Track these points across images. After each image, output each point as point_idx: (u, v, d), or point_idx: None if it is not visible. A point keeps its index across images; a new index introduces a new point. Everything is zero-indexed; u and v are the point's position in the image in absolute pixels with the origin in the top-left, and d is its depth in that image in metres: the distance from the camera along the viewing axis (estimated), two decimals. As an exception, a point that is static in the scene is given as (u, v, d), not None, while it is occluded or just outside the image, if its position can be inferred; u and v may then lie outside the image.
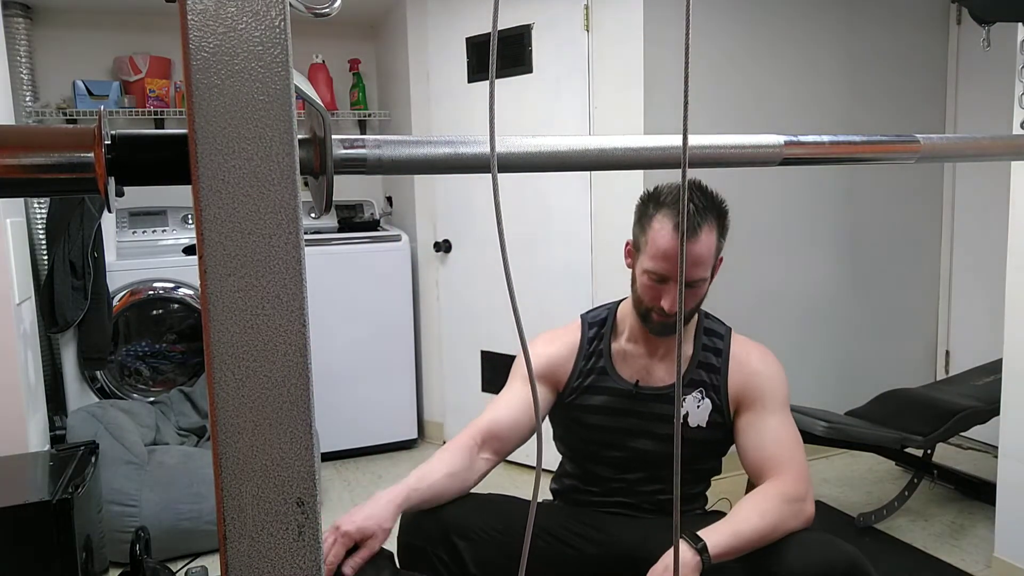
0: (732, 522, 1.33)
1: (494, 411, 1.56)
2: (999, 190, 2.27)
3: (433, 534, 1.41)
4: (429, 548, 1.40)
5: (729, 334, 1.59)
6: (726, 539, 1.30)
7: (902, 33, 3.19)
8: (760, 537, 1.32)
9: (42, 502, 1.67)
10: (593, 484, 1.59)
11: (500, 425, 1.53)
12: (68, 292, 2.77)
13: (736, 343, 1.57)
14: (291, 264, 0.45)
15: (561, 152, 0.62)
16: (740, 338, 1.59)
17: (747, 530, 1.32)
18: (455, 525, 1.42)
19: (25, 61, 3.06)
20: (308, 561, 0.47)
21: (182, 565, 2.36)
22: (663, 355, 1.56)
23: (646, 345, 1.56)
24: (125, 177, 0.50)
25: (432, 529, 1.41)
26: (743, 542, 1.31)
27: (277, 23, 0.44)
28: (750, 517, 1.33)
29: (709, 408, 1.52)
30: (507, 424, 1.53)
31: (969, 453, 3.03)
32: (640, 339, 1.57)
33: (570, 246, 2.93)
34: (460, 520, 1.43)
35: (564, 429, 1.63)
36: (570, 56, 2.85)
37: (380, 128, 3.81)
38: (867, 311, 3.28)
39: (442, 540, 1.40)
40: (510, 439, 1.53)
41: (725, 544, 1.29)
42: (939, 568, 2.30)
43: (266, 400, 0.46)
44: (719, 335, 1.58)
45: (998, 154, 0.84)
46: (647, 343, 1.56)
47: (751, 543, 1.32)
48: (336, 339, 3.25)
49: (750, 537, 1.32)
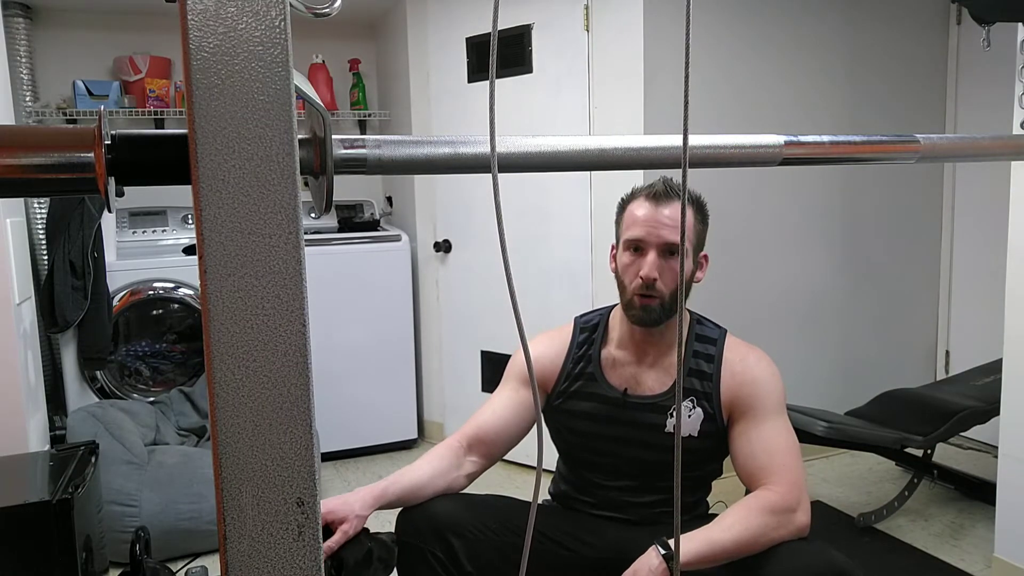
0: (709, 530, 1.31)
1: (480, 415, 1.56)
2: (999, 190, 2.27)
3: (428, 532, 1.41)
4: (424, 546, 1.40)
5: (723, 337, 1.55)
6: (697, 546, 1.28)
7: (902, 33, 3.19)
8: (737, 547, 1.29)
9: (42, 502, 1.67)
10: (586, 490, 1.58)
11: (485, 429, 1.53)
12: (68, 292, 2.77)
13: (730, 347, 1.54)
14: (291, 264, 0.45)
15: (561, 152, 0.62)
16: (734, 341, 1.56)
17: (723, 539, 1.29)
18: (450, 523, 1.42)
19: (25, 61, 3.06)
20: (308, 561, 0.47)
21: (182, 565, 2.36)
22: (652, 362, 1.53)
23: (635, 352, 1.54)
24: (125, 177, 0.50)
25: (426, 527, 1.41)
26: (717, 551, 1.28)
27: (277, 23, 0.44)
28: (731, 526, 1.31)
29: (701, 417, 1.49)
30: (493, 428, 1.53)
31: (969, 453, 3.03)
32: (629, 346, 1.55)
33: (570, 246, 2.93)
34: (455, 518, 1.43)
35: (554, 433, 1.62)
36: (570, 56, 2.85)
37: (380, 128, 3.81)
38: (867, 311, 3.28)
39: (437, 538, 1.40)
40: (496, 443, 1.53)
41: (695, 551, 1.27)
42: (939, 568, 2.30)
43: (266, 400, 0.46)
44: (712, 340, 1.54)
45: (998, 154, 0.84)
46: (636, 350, 1.54)
47: (726, 552, 1.29)
48: (336, 339, 3.25)
49: (725, 546, 1.29)
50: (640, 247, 1.47)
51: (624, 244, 1.50)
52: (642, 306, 1.47)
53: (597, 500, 1.56)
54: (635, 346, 1.54)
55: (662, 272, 1.45)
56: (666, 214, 1.44)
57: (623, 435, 1.52)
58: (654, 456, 1.51)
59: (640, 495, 1.54)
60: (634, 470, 1.53)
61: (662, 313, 1.47)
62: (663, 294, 1.46)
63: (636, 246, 1.47)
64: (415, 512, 1.43)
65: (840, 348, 3.25)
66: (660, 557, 1.27)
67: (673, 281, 1.46)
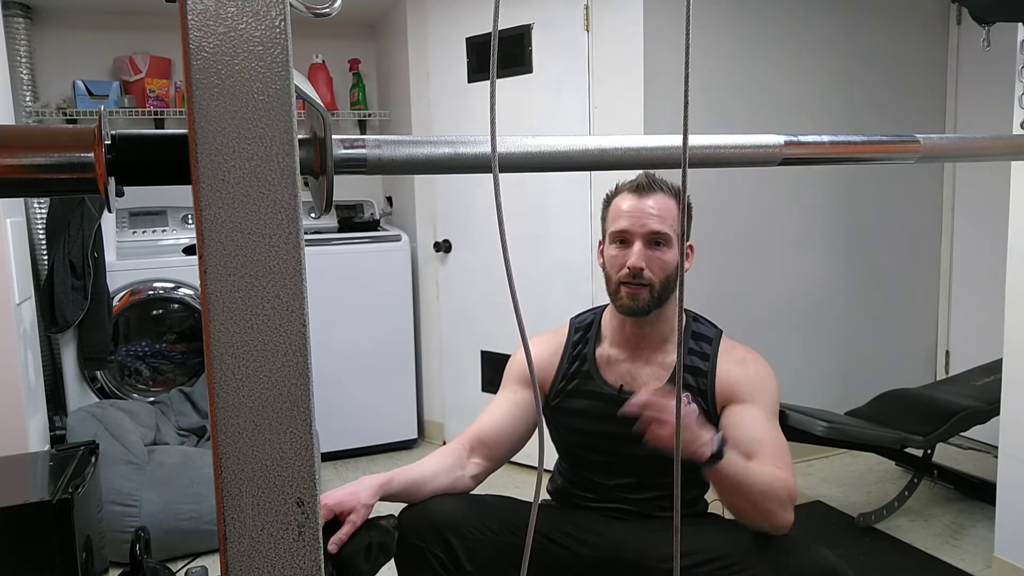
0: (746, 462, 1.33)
1: (482, 419, 1.57)
2: (999, 190, 2.27)
3: (428, 532, 1.41)
4: (425, 546, 1.41)
5: (719, 337, 1.56)
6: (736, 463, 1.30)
7: (902, 33, 3.19)
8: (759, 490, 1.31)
9: (42, 502, 1.67)
10: (585, 487, 1.59)
11: (486, 432, 1.54)
12: (68, 292, 2.77)
13: (725, 347, 1.54)
14: (291, 264, 0.45)
15: (561, 152, 0.62)
16: (730, 343, 1.56)
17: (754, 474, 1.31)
18: (450, 523, 1.42)
19: (25, 61, 3.06)
20: (308, 561, 0.47)
21: (182, 565, 2.36)
22: (647, 359, 1.54)
23: (629, 349, 1.55)
24: (125, 177, 0.50)
25: (426, 527, 1.42)
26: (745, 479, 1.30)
27: (277, 23, 0.44)
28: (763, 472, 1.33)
29: (696, 413, 1.51)
30: (494, 431, 1.54)
31: (969, 453, 3.02)
32: (622, 342, 1.56)
33: (570, 246, 2.93)
34: (455, 518, 1.43)
35: (553, 432, 1.63)
36: (570, 56, 2.85)
37: (380, 128, 3.81)
38: (867, 311, 3.28)
39: (437, 538, 1.41)
40: (499, 445, 1.54)
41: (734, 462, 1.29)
42: (939, 568, 2.30)
43: (266, 400, 0.46)
44: (707, 339, 1.55)
45: (998, 154, 0.84)
46: (629, 346, 1.55)
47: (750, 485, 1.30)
48: (336, 339, 3.25)
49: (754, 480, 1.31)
50: (626, 239, 1.48)
51: (610, 237, 1.51)
52: (629, 295, 1.48)
53: (597, 496, 1.57)
54: (628, 342, 1.55)
55: (649, 261, 1.46)
56: (650, 204, 1.46)
57: (619, 432, 1.52)
58: (651, 452, 1.51)
59: (639, 492, 1.54)
60: (632, 467, 1.54)
61: (651, 301, 1.48)
62: (651, 282, 1.47)
63: (622, 238, 1.49)
64: (415, 511, 1.44)
65: (840, 348, 3.25)
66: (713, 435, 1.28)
67: (660, 270, 1.47)
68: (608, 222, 1.53)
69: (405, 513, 1.45)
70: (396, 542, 1.40)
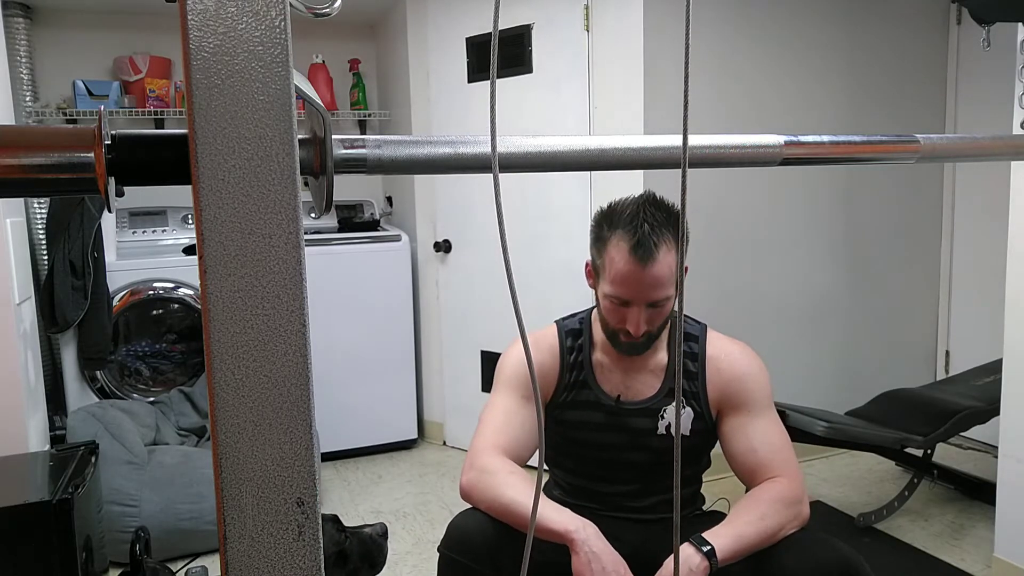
0: (734, 525, 1.32)
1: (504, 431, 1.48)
2: (999, 190, 2.27)
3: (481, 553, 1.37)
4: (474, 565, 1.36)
5: (704, 332, 1.54)
6: (730, 542, 1.29)
7: (902, 33, 3.19)
8: (761, 540, 1.32)
9: (42, 502, 1.67)
10: (587, 497, 1.57)
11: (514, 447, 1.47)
12: (68, 292, 2.77)
13: (712, 343, 1.52)
14: (291, 264, 0.45)
15: (561, 152, 0.62)
16: (716, 336, 1.54)
17: (750, 533, 1.31)
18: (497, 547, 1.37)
19: (25, 61, 3.06)
20: (308, 561, 0.47)
21: (182, 565, 2.36)
22: (640, 366, 1.52)
23: (620, 359, 1.53)
24: (125, 177, 0.50)
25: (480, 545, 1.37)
26: (745, 545, 1.30)
27: (277, 23, 0.44)
28: (752, 520, 1.32)
29: (691, 416, 1.50)
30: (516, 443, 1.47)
31: (969, 453, 3.03)
32: (614, 352, 1.53)
33: (570, 246, 2.93)
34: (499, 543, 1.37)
35: (552, 442, 1.60)
36: (570, 56, 2.85)
37: (380, 128, 3.81)
38: (867, 311, 3.28)
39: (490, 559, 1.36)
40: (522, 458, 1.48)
41: (730, 548, 1.29)
42: (939, 568, 2.30)
43: (266, 400, 0.46)
44: (694, 338, 1.53)
45: (998, 154, 0.84)
46: (621, 357, 1.53)
47: (753, 546, 1.31)
48: (336, 339, 3.25)
49: (752, 540, 1.31)
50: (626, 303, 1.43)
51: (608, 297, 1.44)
52: (627, 344, 1.47)
53: (598, 506, 1.55)
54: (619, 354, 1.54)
55: (649, 321, 1.43)
56: (652, 274, 1.38)
57: (618, 441, 1.52)
58: (650, 459, 1.51)
59: (640, 499, 1.54)
60: (631, 475, 1.53)
61: (647, 343, 1.47)
62: (649, 332, 1.45)
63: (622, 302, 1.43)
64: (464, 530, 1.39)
65: (840, 348, 3.25)
66: (702, 554, 1.26)
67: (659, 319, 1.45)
68: (604, 272, 1.43)
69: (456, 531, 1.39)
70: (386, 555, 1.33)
